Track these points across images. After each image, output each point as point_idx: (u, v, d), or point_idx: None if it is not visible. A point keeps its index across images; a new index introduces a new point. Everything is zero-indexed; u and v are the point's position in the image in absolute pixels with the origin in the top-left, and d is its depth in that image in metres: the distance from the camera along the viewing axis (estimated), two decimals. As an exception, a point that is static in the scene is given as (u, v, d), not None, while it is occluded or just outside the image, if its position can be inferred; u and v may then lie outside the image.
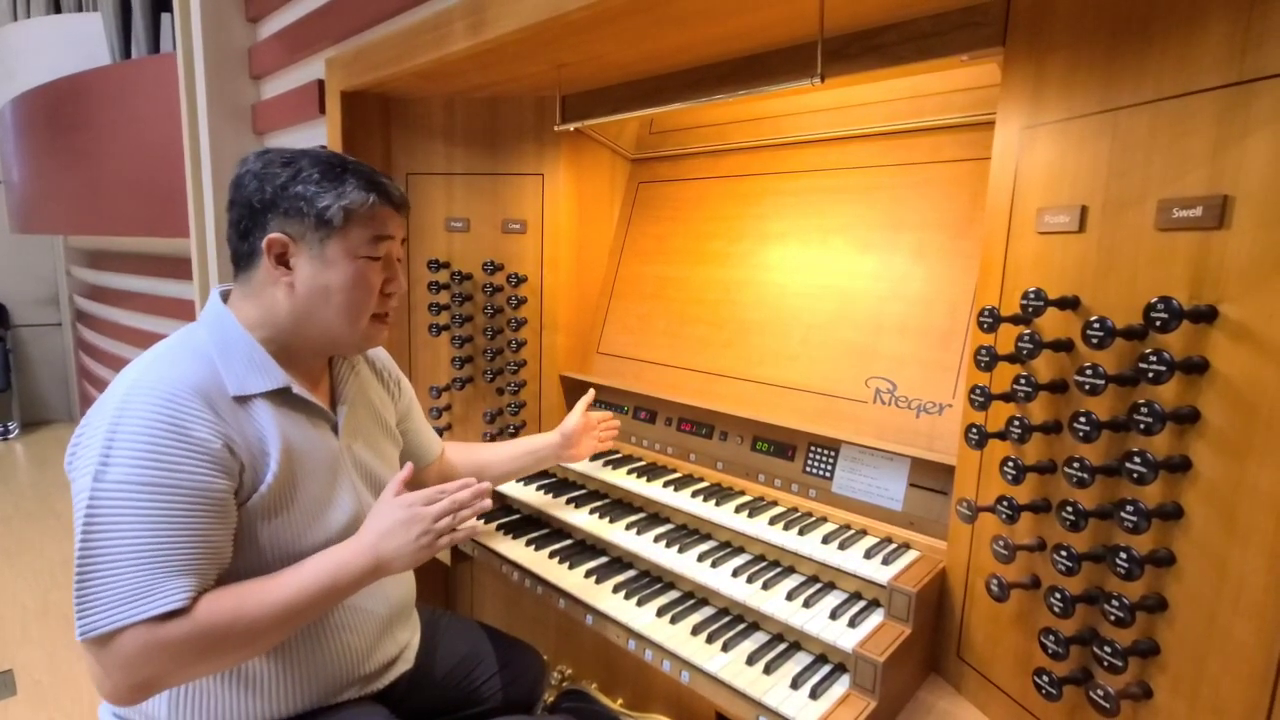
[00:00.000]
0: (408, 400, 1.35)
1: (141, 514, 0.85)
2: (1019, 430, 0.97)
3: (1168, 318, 0.78)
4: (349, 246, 1.02)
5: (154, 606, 0.83)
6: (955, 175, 1.37)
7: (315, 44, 2.26)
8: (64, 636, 2.75)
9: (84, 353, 5.24)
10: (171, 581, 0.85)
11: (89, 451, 0.87)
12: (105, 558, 0.83)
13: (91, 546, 0.84)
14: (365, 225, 1.03)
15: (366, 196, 1.02)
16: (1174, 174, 0.81)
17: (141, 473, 0.85)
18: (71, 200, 3.74)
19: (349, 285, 1.03)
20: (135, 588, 0.83)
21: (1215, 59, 0.77)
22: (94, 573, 0.83)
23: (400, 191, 1.10)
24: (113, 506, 0.84)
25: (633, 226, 1.93)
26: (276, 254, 1.00)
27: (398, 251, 1.11)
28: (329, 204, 0.99)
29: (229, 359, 0.98)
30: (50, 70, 3.89)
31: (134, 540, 0.84)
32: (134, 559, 0.84)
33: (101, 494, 0.84)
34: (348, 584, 0.98)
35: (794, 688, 1.07)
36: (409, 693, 1.20)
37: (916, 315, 1.36)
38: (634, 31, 1.27)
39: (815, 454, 1.45)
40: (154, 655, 0.84)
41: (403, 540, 1.00)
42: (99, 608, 0.83)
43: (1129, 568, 0.82)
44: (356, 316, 1.05)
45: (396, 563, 1.00)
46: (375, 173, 1.07)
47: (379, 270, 1.07)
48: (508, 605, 1.79)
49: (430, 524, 1.02)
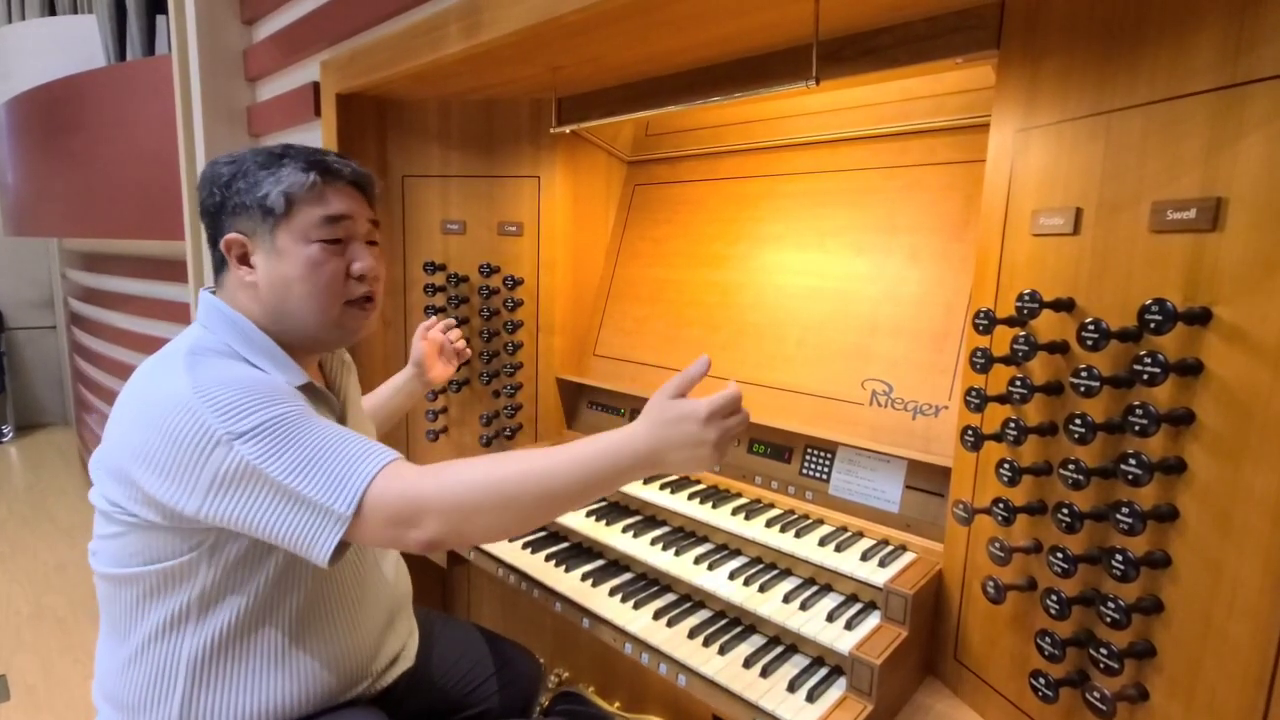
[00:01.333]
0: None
1: (298, 430, 0.86)
2: (1014, 432, 0.97)
3: (1162, 320, 0.78)
4: (298, 232, 0.98)
5: (376, 461, 0.85)
6: (950, 178, 1.37)
7: (310, 46, 2.25)
8: (58, 641, 2.74)
9: (79, 356, 5.22)
10: (370, 448, 0.87)
11: (196, 445, 0.84)
12: (303, 465, 0.84)
13: (287, 470, 0.83)
14: (312, 206, 0.98)
15: (306, 176, 0.97)
16: (1168, 176, 0.81)
17: (268, 412, 0.86)
18: (66, 203, 3.73)
19: (305, 273, 0.98)
20: (348, 460, 0.85)
21: (1208, 62, 0.77)
22: (309, 479, 0.83)
23: (353, 167, 1.04)
24: (271, 438, 0.84)
25: (629, 229, 1.93)
26: (237, 255, 1.00)
27: (363, 231, 1.05)
28: (268, 191, 0.97)
29: (256, 356, 0.98)
30: (45, 72, 3.87)
31: (312, 443, 0.85)
32: (325, 451, 0.85)
33: (253, 439, 0.84)
34: (627, 465, 0.90)
35: (791, 691, 1.06)
36: (405, 695, 1.20)
37: (912, 317, 1.36)
38: (629, 34, 1.27)
39: (812, 456, 1.45)
40: (412, 498, 0.84)
41: (699, 454, 0.90)
42: (336, 492, 0.83)
43: (1124, 570, 0.82)
44: (324, 305, 1.00)
45: (673, 467, 0.92)
46: (322, 152, 1.02)
47: (338, 252, 1.01)
48: (504, 608, 1.78)
49: (726, 427, 0.92)
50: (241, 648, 0.97)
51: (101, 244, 4.41)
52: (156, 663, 0.96)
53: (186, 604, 0.94)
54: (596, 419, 1.87)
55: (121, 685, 0.98)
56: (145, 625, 0.96)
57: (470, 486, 0.86)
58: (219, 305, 1.01)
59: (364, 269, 1.02)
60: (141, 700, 0.97)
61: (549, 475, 0.88)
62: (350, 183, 1.03)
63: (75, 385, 5.45)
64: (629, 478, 0.92)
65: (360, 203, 1.05)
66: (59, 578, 3.24)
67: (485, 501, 0.86)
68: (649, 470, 0.92)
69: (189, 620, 0.95)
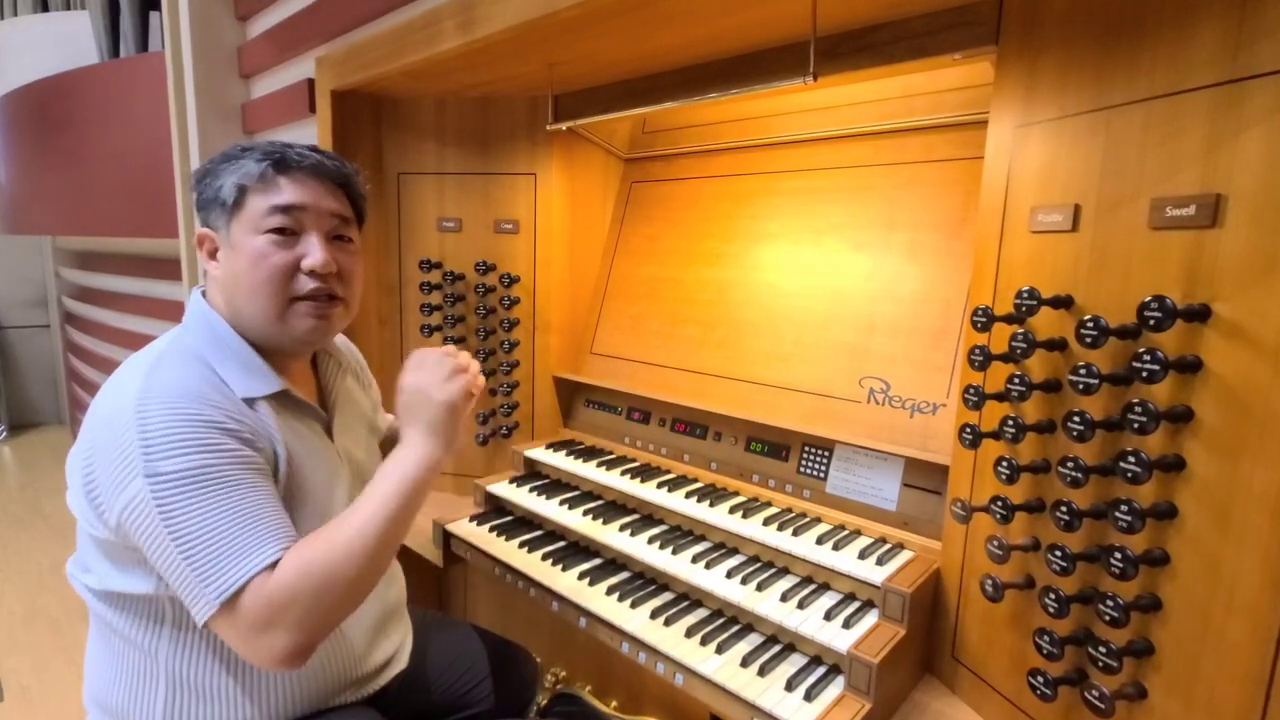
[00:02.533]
0: (375, 391, 1.33)
1: (207, 492, 0.84)
2: (1013, 430, 0.96)
3: (1161, 317, 0.77)
4: (249, 223, 0.95)
5: (258, 560, 0.82)
6: (948, 175, 1.37)
7: (305, 43, 2.24)
8: (51, 642, 2.72)
9: (73, 355, 5.20)
10: (264, 536, 0.84)
11: (119, 464, 0.84)
12: (200, 533, 0.83)
13: (181, 530, 0.82)
14: (260, 196, 0.95)
15: (259, 166, 0.94)
16: (1167, 173, 0.81)
17: (189, 460, 0.84)
18: (59, 201, 3.71)
19: (249, 265, 0.94)
20: (233, 550, 0.82)
21: (1207, 57, 0.77)
22: (199, 547, 0.82)
23: (318, 158, 0.99)
24: (180, 492, 0.83)
25: (626, 226, 1.92)
26: (208, 250, 0.99)
27: (325, 224, 0.99)
28: (223, 183, 0.95)
29: (225, 362, 0.95)
30: (38, 69, 3.85)
31: (220, 511, 0.83)
32: (230, 524, 0.83)
33: (163, 485, 0.83)
34: (421, 473, 0.93)
35: (788, 690, 1.06)
36: (400, 696, 1.19)
37: (910, 315, 1.35)
38: (624, 30, 1.26)
39: (809, 454, 1.44)
40: (278, 606, 0.82)
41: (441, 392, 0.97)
42: (209, 580, 0.82)
43: (1123, 567, 0.82)
44: (266, 302, 0.95)
45: (442, 422, 0.96)
46: (289, 146, 0.98)
47: (287, 244, 0.95)
48: (501, 608, 1.78)
49: (454, 361, 0.99)
50: (224, 651, 0.95)
51: (95, 242, 4.39)
52: (137, 667, 0.95)
53: (162, 608, 0.93)
54: (594, 417, 1.87)
55: (107, 688, 0.97)
56: (125, 629, 0.95)
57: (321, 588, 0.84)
58: (199, 306, 1.00)
59: (315, 263, 0.96)
60: (126, 704, 0.96)
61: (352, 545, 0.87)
62: (312, 173, 0.98)
63: (69, 384, 5.43)
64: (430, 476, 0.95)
65: (322, 195, 0.99)
66: (53, 579, 3.22)
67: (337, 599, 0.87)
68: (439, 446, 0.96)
69: (165, 624, 0.94)
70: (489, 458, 1.91)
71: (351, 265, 1.03)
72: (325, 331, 1.02)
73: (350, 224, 1.05)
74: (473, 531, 1.58)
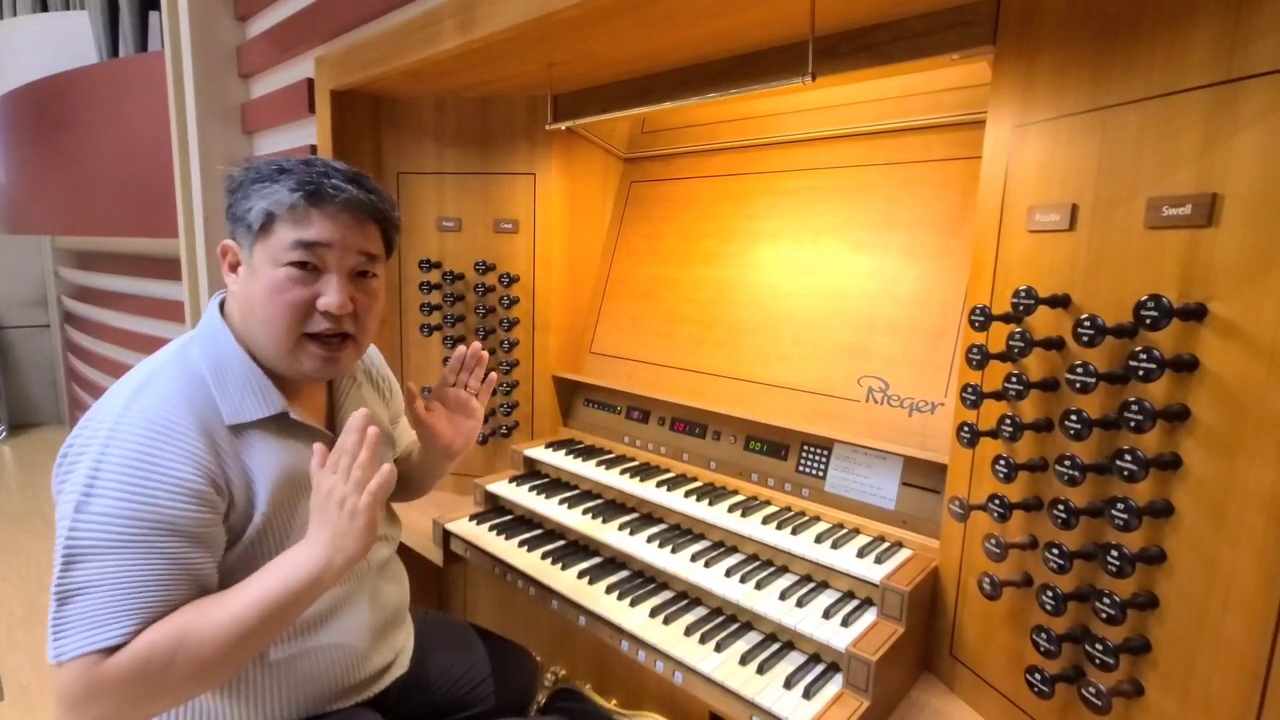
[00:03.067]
0: (398, 401, 1.33)
1: (119, 547, 0.83)
2: (1010, 428, 0.97)
3: (1158, 316, 0.78)
4: (271, 253, 0.93)
5: (102, 638, 0.80)
6: (946, 174, 1.37)
7: (305, 42, 2.24)
8: (52, 641, 2.73)
9: (73, 354, 5.20)
10: (128, 618, 0.81)
11: (75, 477, 0.85)
12: (79, 585, 0.82)
13: (68, 575, 0.82)
14: (289, 228, 0.93)
15: (291, 196, 0.92)
16: (1163, 172, 0.81)
17: (123, 505, 0.83)
18: (59, 200, 3.71)
19: (267, 296, 0.93)
20: (87, 620, 0.81)
21: (1203, 57, 0.77)
22: (68, 600, 0.82)
23: (354, 193, 0.96)
24: (95, 535, 0.82)
25: (625, 226, 1.93)
26: (230, 262, 0.99)
27: (348, 263, 0.97)
28: (252, 205, 0.93)
29: (224, 382, 0.94)
30: (37, 69, 3.85)
31: (108, 572, 0.82)
32: (103, 590, 0.82)
33: (82, 523, 0.82)
34: (300, 586, 0.86)
35: (787, 688, 1.06)
36: (401, 697, 1.19)
37: (908, 314, 1.36)
38: (624, 30, 1.27)
39: (808, 453, 1.45)
40: (95, 692, 0.80)
41: (334, 518, 0.88)
42: (60, 636, 0.81)
43: (1120, 565, 0.82)
44: (277, 334, 0.94)
45: (339, 552, 0.87)
46: (329, 174, 0.95)
47: (307, 281, 0.94)
48: (501, 607, 1.78)
49: (344, 486, 0.88)
50: None
51: (95, 242, 4.39)
52: None
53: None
54: (593, 416, 1.87)
55: None
56: None
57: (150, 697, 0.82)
58: (212, 317, 1.00)
59: (331, 305, 0.94)
60: None
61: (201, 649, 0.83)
62: (346, 207, 0.95)
63: (69, 384, 5.42)
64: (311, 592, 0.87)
65: (354, 232, 0.97)
66: (51, 578, 3.22)
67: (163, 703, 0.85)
68: (326, 569, 0.87)
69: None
70: (489, 457, 1.92)
71: (369, 304, 1.01)
72: (333, 371, 1.00)
73: (377, 260, 1.02)
74: (473, 530, 1.58)
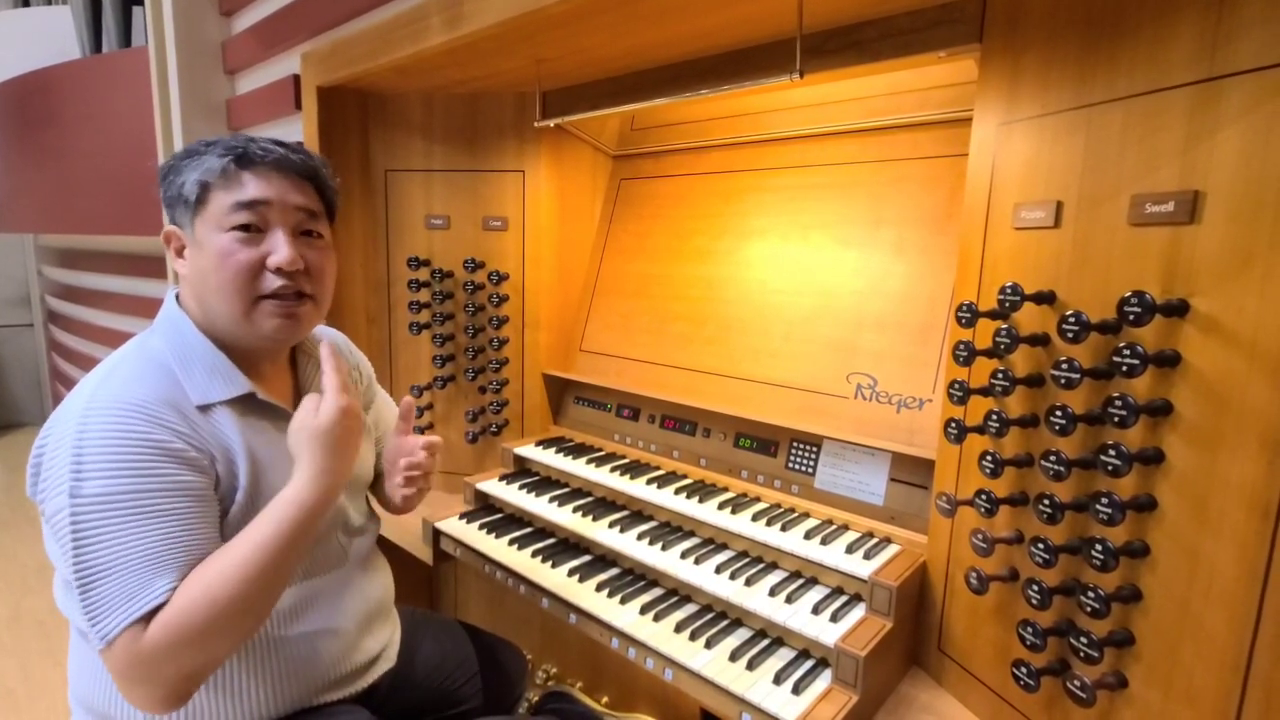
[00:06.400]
0: (368, 381, 1.32)
1: (121, 521, 0.82)
2: (997, 424, 0.98)
3: (1141, 312, 0.79)
4: (213, 220, 0.93)
5: (139, 607, 0.80)
6: (934, 171, 1.38)
7: (290, 38, 2.22)
8: (37, 644, 2.70)
9: (57, 354, 5.14)
10: (158, 580, 0.82)
11: (56, 473, 0.84)
12: (99, 567, 0.81)
13: (84, 560, 0.81)
14: (224, 192, 0.93)
15: (221, 160, 0.93)
16: (1146, 170, 0.82)
17: (117, 483, 0.82)
18: (41, 198, 3.66)
19: (215, 264, 0.92)
20: (120, 594, 0.81)
21: (1186, 55, 0.78)
22: (93, 584, 0.81)
23: (281, 151, 0.96)
24: (98, 517, 0.82)
25: (614, 224, 1.92)
26: (175, 248, 0.98)
27: (291, 220, 0.96)
28: (185, 179, 0.93)
29: (189, 367, 0.94)
30: (19, 65, 3.80)
31: (124, 546, 0.82)
32: (125, 564, 0.81)
33: (82, 508, 0.82)
34: (312, 504, 0.87)
35: (777, 683, 1.07)
36: (390, 694, 1.19)
37: (896, 311, 1.36)
38: (612, 26, 1.26)
39: (797, 450, 1.45)
40: (151, 658, 0.80)
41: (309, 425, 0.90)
42: (98, 619, 0.80)
43: (1104, 559, 0.83)
44: (232, 300, 0.93)
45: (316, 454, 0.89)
46: (253, 139, 0.96)
47: (253, 241, 0.94)
48: (492, 605, 1.78)
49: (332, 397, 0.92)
50: None
51: (79, 240, 4.34)
52: None
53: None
54: (583, 414, 1.87)
55: (89, 690, 0.96)
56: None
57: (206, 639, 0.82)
58: (169, 308, 1.00)
59: (281, 260, 0.94)
60: (108, 705, 0.95)
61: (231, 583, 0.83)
62: (276, 167, 0.96)
63: (53, 384, 5.36)
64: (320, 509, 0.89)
65: (288, 189, 0.97)
66: (38, 580, 3.18)
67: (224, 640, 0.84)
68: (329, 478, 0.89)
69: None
70: (478, 455, 1.91)
71: (321, 261, 1.00)
72: (294, 330, 0.99)
73: (319, 218, 1.02)
74: (463, 529, 1.58)
